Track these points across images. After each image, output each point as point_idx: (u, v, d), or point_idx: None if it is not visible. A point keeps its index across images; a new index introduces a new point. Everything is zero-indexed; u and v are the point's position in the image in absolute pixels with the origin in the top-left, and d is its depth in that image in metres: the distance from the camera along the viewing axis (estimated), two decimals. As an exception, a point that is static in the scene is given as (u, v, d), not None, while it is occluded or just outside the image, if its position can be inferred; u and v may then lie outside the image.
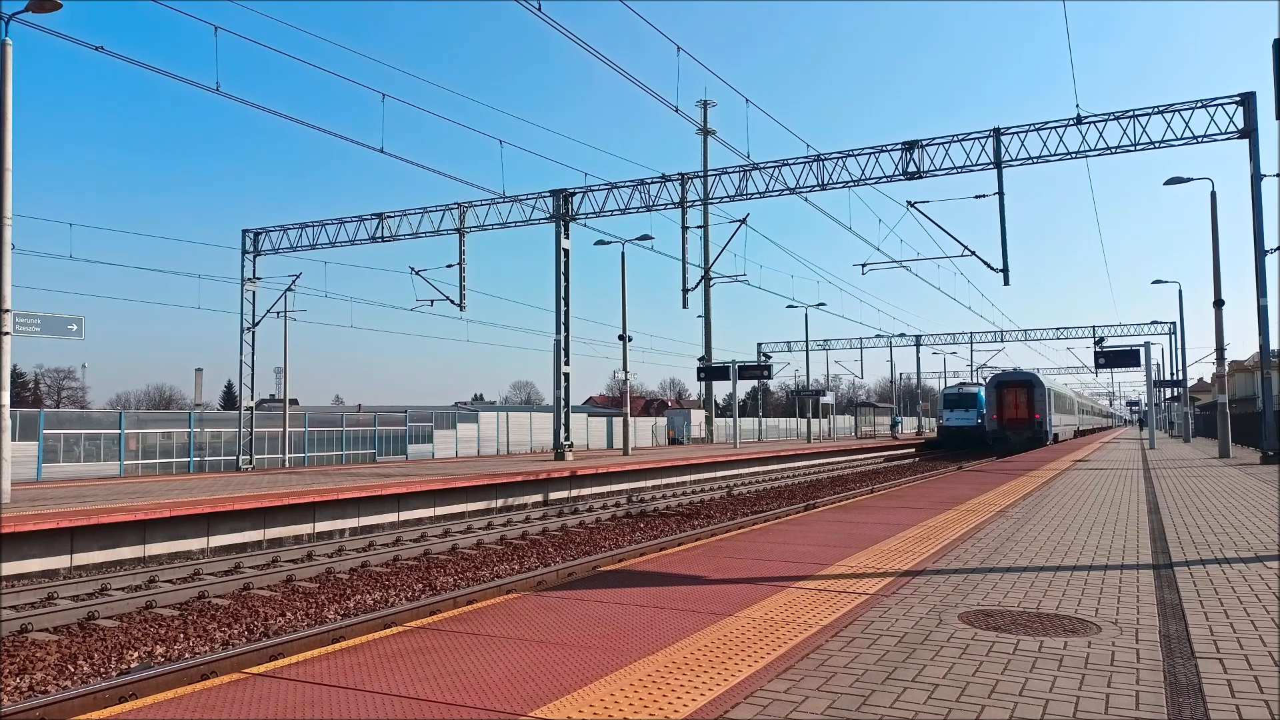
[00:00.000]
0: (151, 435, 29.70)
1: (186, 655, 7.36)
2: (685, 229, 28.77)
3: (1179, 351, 47.45)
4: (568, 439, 27.74)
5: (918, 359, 64.60)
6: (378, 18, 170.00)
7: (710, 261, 28.43)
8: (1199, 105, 21.01)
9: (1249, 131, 20.42)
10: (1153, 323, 54.89)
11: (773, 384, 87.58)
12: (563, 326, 27.38)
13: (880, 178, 23.57)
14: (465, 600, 8.82)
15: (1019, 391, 44.15)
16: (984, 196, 22.47)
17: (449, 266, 28.48)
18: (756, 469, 31.91)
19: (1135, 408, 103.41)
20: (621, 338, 31.55)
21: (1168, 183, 25.95)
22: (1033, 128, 22.23)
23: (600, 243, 31.26)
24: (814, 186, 24.30)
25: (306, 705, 3.68)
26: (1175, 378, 51.66)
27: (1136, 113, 21.43)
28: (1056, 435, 47.33)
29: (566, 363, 27.52)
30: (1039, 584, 6.26)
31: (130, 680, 6.12)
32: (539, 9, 14.42)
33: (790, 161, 24.52)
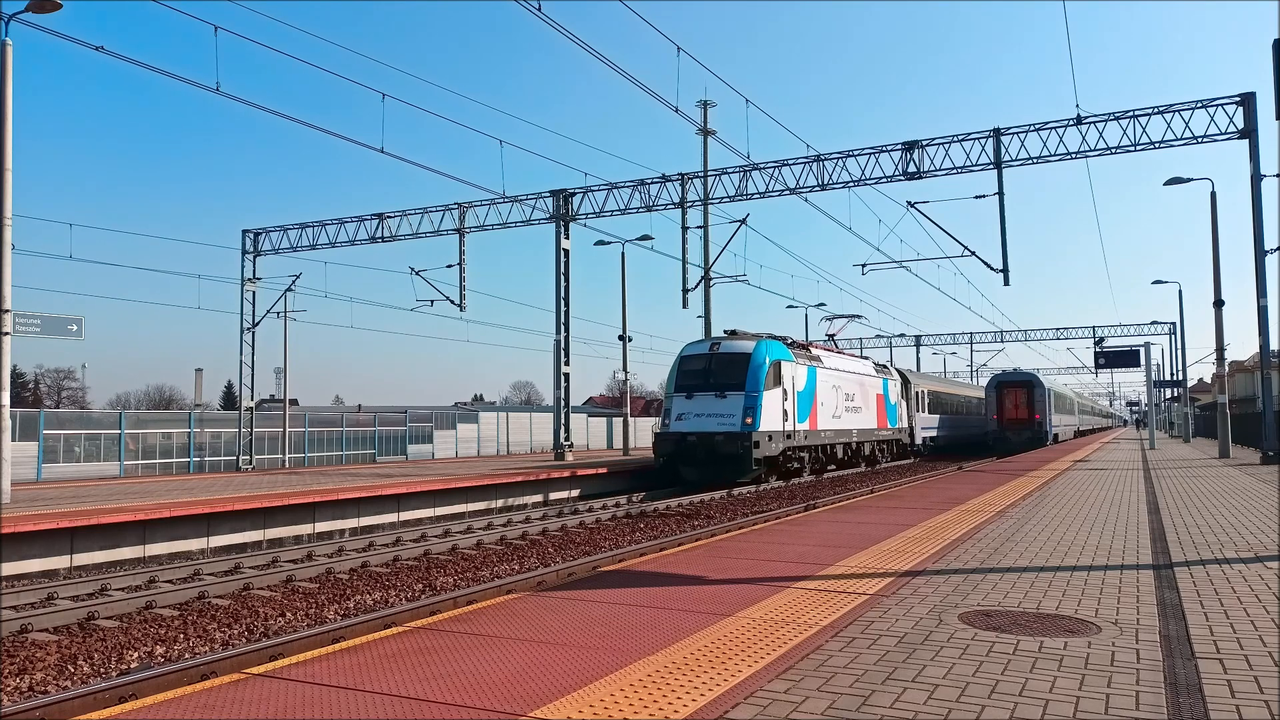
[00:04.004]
0: (151, 435, 29.70)
1: (186, 655, 7.35)
2: (685, 229, 28.77)
3: (1179, 351, 47.51)
4: (568, 439, 27.74)
5: (918, 359, 64.60)
6: (378, 18, 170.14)
7: (710, 261, 28.39)
8: (1199, 105, 21.02)
9: (1249, 132, 20.44)
10: (1153, 323, 54.92)
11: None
12: (563, 326, 27.39)
13: (880, 178, 23.60)
14: (465, 600, 8.81)
15: (1019, 392, 44.15)
16: (984, 196, 22.50)
17: (449, 266, 28.52)
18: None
19: (1135, 408, 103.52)
20: (621, 338, 31.56)
21: (1168, 183, 25.97)
22: (1033, 128, 22.24)
23: (600, 243, 31.27)
24: (814, 186, 24.32)
25: (306, 705, 3.68)
26: (1175, 378, 51.67)
27: (1136, 113, 21.45)
28: (1057, 435, 47.32)
29: (566, 363, 27.52)
30: (1039, 584, 6.26)
31: (130, 680, 6.11)
32: (539, 9, 14.42)
33: (790, 162, 24.53)
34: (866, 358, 34.21)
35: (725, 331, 24.65)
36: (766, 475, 22.84)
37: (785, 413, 22.79)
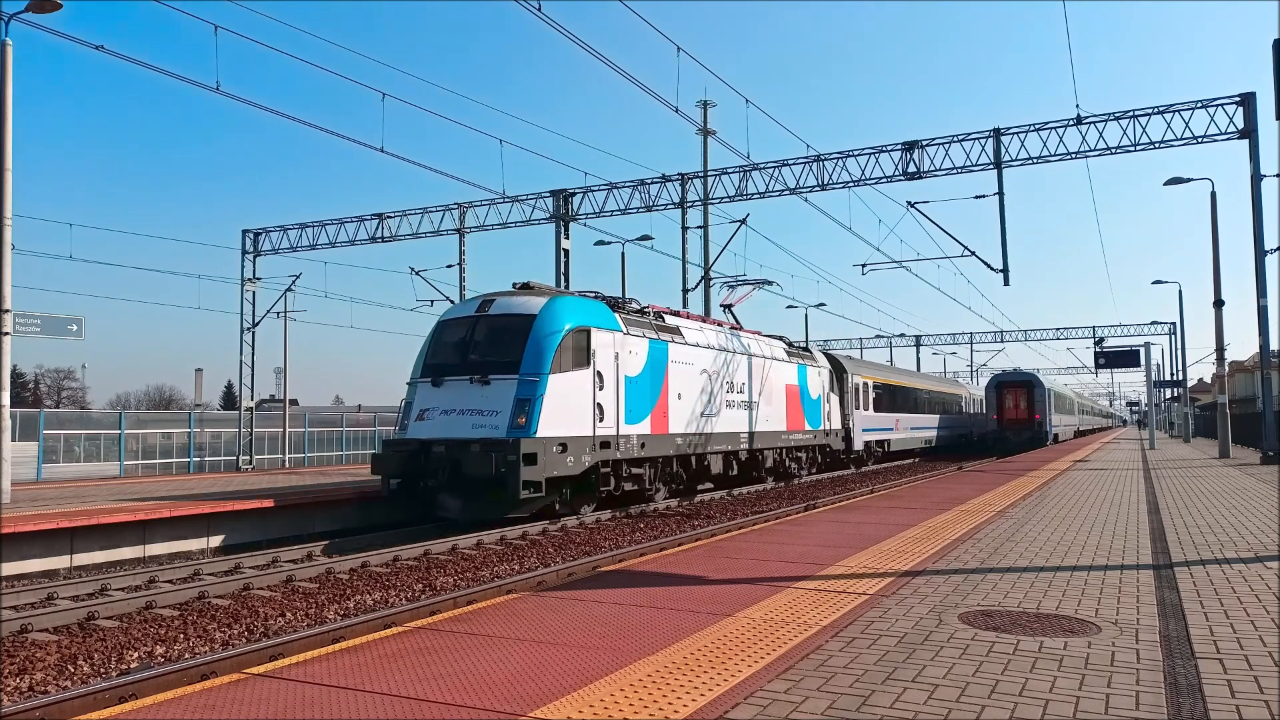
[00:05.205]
0: (151, 435, 29.73)
1: (186, 655, 7.35)
2: (685, 229, 28.79)
3: (1179, 352, 47.53)
4: (568, 439, 27.63)
5: (917, 359, 64.60)
6: (378, 18, 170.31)
7: (710, 261, 28.37)
8: (1199, 105, 21.02)
9: (1249, 132, 20.44)
10: (1153, 323, 54.91)
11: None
12: (562, 326, 27.27)
13: (880, 178, 23.59)
14: (465, 600, 8.80)
15: (1019, 392, 44.20)
16: (984, 197, 22.51)
17: (449, 267, 28.56)
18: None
19: (1135, 408, 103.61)
20: (621, 338, 31.38)
21: (1168, 183, 26.00)
22: (1033, 128, 22.24)
23: (600, 243, 31.27)
24: (814, 187, 24.31)
25: (306, 705, 3.68)
26: (1175, 378, 51.70)
27: (1136, 113, 21.45)
28: (1057, 435, 47.34)
29: (566, 363, 27.42)
30: (1039, 584, 6.26)
31: (130, 680, 6.11)
32: (539, 9, 14.41)
33: (790, 162, 24.52)
34: (780, 337, 25.29)
35: (515, 285, 16.32)
36: (573, 504, 15.35)
37: (599, 407, 15.06)
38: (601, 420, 15.16)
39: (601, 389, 15.24)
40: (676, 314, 19.61)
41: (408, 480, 14.20)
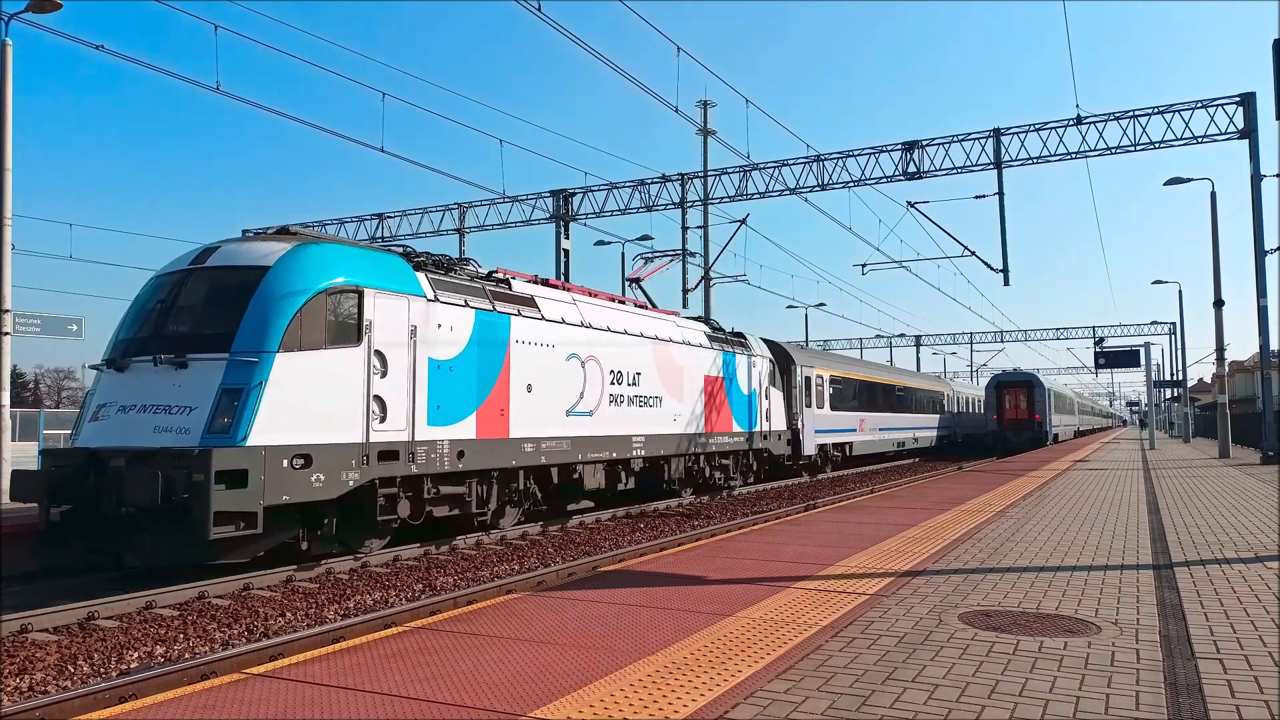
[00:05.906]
0: (151, 435, 29.69)
1: (186, 655, 7.35)
2: (685, 229, 28.77)
3: (1179, 352, 47.58)
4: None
5: (917, 359, 64.68)
6: (378, 18, 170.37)
7: (710, 261, 28.41)
8: (1199, 106, 21.04)
9: (1249, 132, 20.46)
10: (1153, 323, 55.01)
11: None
12: (562, 326, 27.19)
13: (880, 178, 23.62)
14: (465, 600, 8.80)
15: (1019, 392, 44.21)
16: (984, 197, 22.55)
17: (449, 267, 28.51)
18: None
19: (1135, 408, 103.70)
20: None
21: (1168, 183, 26.01)
22: (1033, 128, 22.26)
23: (600, 243, 31.26)
24: (814, 187, 24.34)
25: (306, 705, 3.68)
26: (1175, 378, 51.74)
27: (1136, 113, 21.47)
28: (1057, 435, 47.36)
29: (566, 363, 27.37)
30: (1039, 584, 6.26)
31: (130, 680, 6.11)
32: (539, 9, 14.42)
33: (790, 162, 24.55)
34: (705, 319, 21.38)
35: (268, 230, 11.95)
36: (348, 539, 11.05)
37: (379, 402, 10.57)
38: (383, 420, 10.67)
39: (384, 376, 10.75)
40: (546, 283, 15.23)
41: (81, 507, 9.38)
